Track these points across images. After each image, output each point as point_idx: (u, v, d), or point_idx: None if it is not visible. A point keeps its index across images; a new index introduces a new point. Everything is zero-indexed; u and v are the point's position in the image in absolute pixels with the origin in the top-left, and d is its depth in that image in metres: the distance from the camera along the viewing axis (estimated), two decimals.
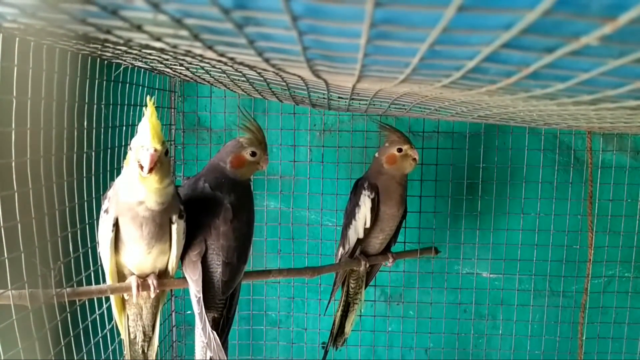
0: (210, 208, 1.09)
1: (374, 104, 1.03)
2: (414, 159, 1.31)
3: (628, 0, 0.27)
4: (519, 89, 0.50)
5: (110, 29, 0.48)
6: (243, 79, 0.89)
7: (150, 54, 0.75)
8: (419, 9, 0.30)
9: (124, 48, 0.70)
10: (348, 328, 1.48)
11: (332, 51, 0.44)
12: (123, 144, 1.24)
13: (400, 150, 1.30)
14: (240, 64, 0.61)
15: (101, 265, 1.06)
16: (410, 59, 0.42)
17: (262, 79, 0.84)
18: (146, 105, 0.91)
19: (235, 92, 1.41)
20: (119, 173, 1.01)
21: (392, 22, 0.33)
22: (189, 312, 1.66)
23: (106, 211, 0.98)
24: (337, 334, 1.48)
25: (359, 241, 1.35)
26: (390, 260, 1.41)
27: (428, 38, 0.35)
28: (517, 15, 0.29)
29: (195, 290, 1.06)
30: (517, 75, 0.43)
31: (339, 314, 1.46)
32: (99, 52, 0.87)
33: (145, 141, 0.90)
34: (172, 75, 1.30)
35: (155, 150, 0.89)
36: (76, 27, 0.49)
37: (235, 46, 0.46)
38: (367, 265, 1.38)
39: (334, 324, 1.47)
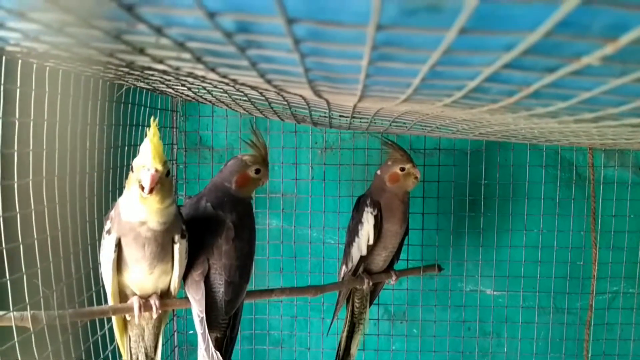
0: (212, 227, 1.09)
1: (375, 122, 1.03)
2: (416, 178, 1.31)
3: (629, 21, 0.27)
4: (520, 107, 0.50)
5: (113, 52, 0.48)
6: (245, 98, 0.90)
7: (152, 75, 0.75)
8: (420, 32, 0.30)
9: (126, 70, 0.70)
10: (354, 349, 1.46)
11: (334, 73, 0.44)
12: (125, 164, 1.24)
13: (402, 169, 1.31)
14: (243, 84, 0.62)
15: (103, 286, 1.06)
16: (412, 80, 0.42)
17: (263, 98, 0.84)
18: (149, 126, 0.91)
19: (236, 111, 1.41)
20: (121, 193, 1.01)
21: (393, 45, 0.33)
22: (191, 332, 1.65)
23: (108, 232, 0.98)
24: (344, 356, 1.46)
25: (362, 259, 1.35)
26: (394, 278, 1.40)
27: (429, 60, 0.35)
28: (518, 37, 0.30)
29: (198, 310, 1.05)
30: (518, 95, 0.43)
31: (344, 334, 1.45)
32: (102, 74, 0.88)
33: (146, 161, 0.90)
34: (174, 95, 1.31)
35: (157, 170, 0.89)
36: (79, 50, 0.50)
37: (238, 68, 0.46)
38: (371, 284, 1.37)
39: (339, 344, 1.46)
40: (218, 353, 1.04)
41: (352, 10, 0.28)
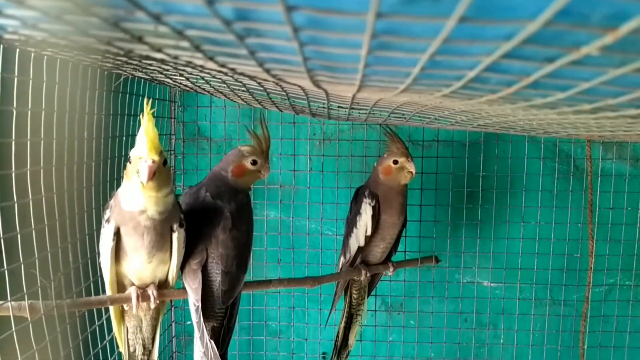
0: (210, 217, 1.09)
1: (373, 113, 1.03)
2: (410, 172, 1.30)
3: (629, 10, 0.27)
4: (519, 98, 0.50)
5: (111, 41, 0.48)
6: (243, 88, 0.90)
7: (150, 65, 0.75)
8: (420, 20, 0.30)
9: (124, 59, 0.70)
10: (352, 340, 1.47)
11: (333, 62, 0.44)
12: (123, 154, 1.23)
13: (395, 162, 1.30)
14: (241, 74, 0.61)
15: (101, 275, 1.06)
16: (411, 69, 0.42)
17: (262, 88, 0.84)
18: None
19: (235, 101, 1.41)
20: (119, 183, 1.01)
21: (393, 33, 0.33)
22: (189, 322, 1.65)
23: (107, 220, 0.98)
24: (341, 346, 1.47)
25: (360, 249, 1.35)
26: (391, 269, 1.41)
27: (429, 48, 0.35)
28: (518, 26, 0.30)
29: (194, 299, 1.05)
30: (517, 85, 0.43)
31: (342, 325, 1.46)
32: (99, 63, 0.87)
33: (142, 153, 0.90)
34: (172, 85, 1.31)
35: (153, 161, 0.90)
36: (77, 38, 0.50)
37: (236, 57, 0.46)
38: (368, 275, 1.38)
39: (337, 336, 1.47)
40: (212, 342, 1.04)
41: None
